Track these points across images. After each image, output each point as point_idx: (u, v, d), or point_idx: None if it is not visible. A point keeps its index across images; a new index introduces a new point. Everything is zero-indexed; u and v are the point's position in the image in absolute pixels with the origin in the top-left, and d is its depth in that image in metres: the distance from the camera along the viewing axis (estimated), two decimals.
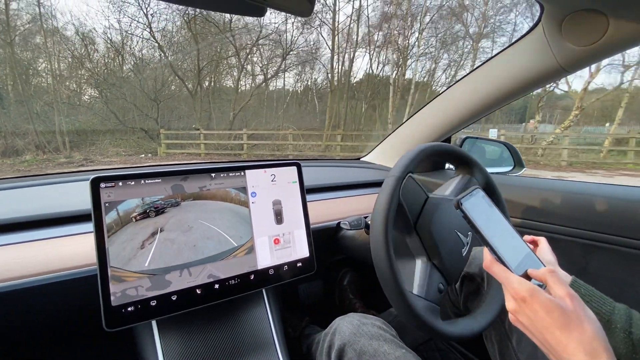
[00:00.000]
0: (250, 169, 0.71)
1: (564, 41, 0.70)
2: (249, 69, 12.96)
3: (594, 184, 0.88)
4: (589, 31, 0.65)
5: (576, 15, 0.65)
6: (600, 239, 0.80)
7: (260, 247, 0.69)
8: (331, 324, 0.70)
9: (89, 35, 11.00)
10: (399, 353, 0.60)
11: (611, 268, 0.80)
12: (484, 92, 0.90)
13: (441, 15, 12.19)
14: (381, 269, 0.54)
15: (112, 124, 10.49)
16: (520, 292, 0.38)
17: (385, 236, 0.54)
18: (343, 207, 0.96)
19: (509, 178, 1.03)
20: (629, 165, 9.03)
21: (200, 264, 0.63)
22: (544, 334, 0.37)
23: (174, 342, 0.63)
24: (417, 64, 12.64)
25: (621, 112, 10.37)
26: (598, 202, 0.81)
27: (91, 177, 0.55)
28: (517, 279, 0.40)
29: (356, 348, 0.62)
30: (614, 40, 0.64)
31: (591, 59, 0.70)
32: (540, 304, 0.37)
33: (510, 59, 0.82)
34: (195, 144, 10.30)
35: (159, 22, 12.21)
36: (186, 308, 0.61)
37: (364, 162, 1.36)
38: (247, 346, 0.69)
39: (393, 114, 12.54)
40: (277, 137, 11.20)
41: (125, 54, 11.37)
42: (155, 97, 11.11)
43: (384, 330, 0.65)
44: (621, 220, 0.77)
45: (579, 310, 0.36)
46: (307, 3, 0.48)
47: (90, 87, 11.12)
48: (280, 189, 0.74)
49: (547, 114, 11.82)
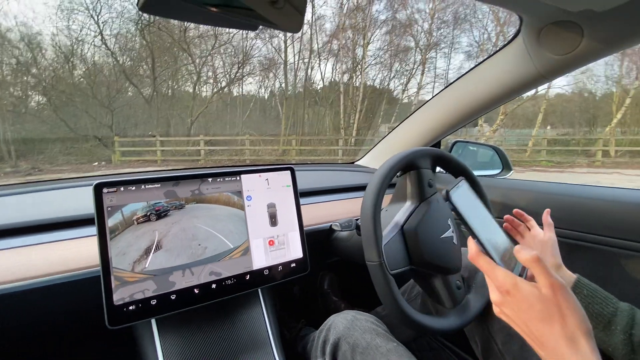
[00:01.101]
0: (246, 173, 0.74)
1: (543, 50, 0.73)
2: (209, 75, 13.04)
3: (578, 186, 0.91)
4: (566, 41, 0.69)
5: (553, 26, 0.69)
6: (583, 239, 0.84)
7: (255, 249, 0.72)
8: (326, 321, 0.73)
9: (35, 40, 10.46)
10: (390, 346, 0.63)
11: (594, 267, 0.83)
12: (470, 98, 0.94)
13: (393, 27, 12.86)
14: (367, 229, 0.59)
15: (62, 132, 10.11)
16: (504, 285, 0.39)
17: (374, 208, 0.59)
18: (335, 210, 0.99)
19: (497, 180, 1.06)
20: (542, 162, 10.52)
21: (201, 264, 0.66)
22: (528, 326, 0.37)
23: (173, 341, 0.66)
24: (365, 73, 13.25)
25: (541, 116, 12.08)
26: (581, 204, 0.85)
27: (95, 183, 0.59)
28: (502, 271, 0.40)
29: (350, 341, 0.65)
30: (589, 49, 0.68)
31: (569, 67, 0.74)
32: (523, 296, 0.37)
33: (493, 67, 0.86)
34: (152, 151, 10.18)
35: (111, 29, 11.83)
36: (185, 307, 0.64)
37: (356, 166, 1.39)
38: (243, 345, 0.71)
39: (345, 119, 12.97)
40: (236, 142, 11.30)
41: (75, 60, 10.93)
42: (109, 104, 10.79)
43: (376, 325, 0.68)
44: (604, 220, 0.81)
45: (562, 301, 0.36)
46: (298, 20, 0.52)
47: (38, 93, 10.63)
48: (274, 192, 0.77)
49: (490, 118, 13.00)
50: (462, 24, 13.01)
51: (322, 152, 11.72)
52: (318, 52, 13.40)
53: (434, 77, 13.90)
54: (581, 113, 13.27)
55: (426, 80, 13.85)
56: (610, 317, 0.50)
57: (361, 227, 0.63)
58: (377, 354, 0.62)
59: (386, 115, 13.87)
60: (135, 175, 0.75)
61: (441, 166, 0.78)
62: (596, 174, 8.78)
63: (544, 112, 12.15)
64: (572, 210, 0.85)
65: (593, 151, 10.69)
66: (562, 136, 12.47)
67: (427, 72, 13.68)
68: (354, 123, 12.91)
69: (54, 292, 0.60)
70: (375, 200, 0.63)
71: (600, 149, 10.48)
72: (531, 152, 11.15)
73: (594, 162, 10.26)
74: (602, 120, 12.67)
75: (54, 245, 0.65)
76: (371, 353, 0.62)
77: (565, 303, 0.36)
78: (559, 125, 13.86)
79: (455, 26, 13.07)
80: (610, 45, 0.67)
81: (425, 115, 1.09)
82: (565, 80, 12.92)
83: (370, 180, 0.66)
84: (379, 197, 0.63)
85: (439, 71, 14.00)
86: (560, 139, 12.09)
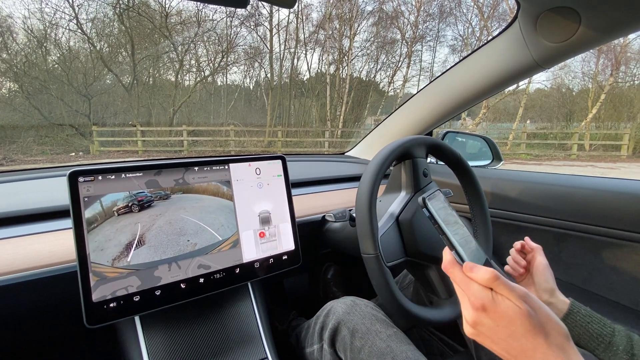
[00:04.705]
0: (235, 162, 0.70)
1: (539, 38, 0.72)
2: (192, 63, 12.62)
3: (566, 176, 0.92)
4: (563, 28, 0.68)
5: (550, 13, 0.68)
6: (572, 228, 0.85)
7: (245, 241, 0.69)
8: (323, 307, 0.72)
9: (5, 24, 9.80)
10: (390, 332, 0.62)
11: (582, 255, 0.85)
12: (463, 87, 0.93)
13: (379, 18, 12.94)
14: (362, 218, 0.58)
15: (36, 120, 9.53)
16: (480, 299, 0.35)
17: (370, 199, 0.58)
18: (327, 201, 0.96)
19: (488, 171, 1.06)
20: (522, 155, 10.76)
21: (188, 257, 0.62)
22: (510, 343, 0.34)
23: (158, 337, 0.62)
24: (351, 64, 13.28)
25: (521, 110, 12.53)
26: (570, 193, 0.86)
27: (69, 172, 0.54)
28: (478, 285, 0.36)
29: (349, 326, 0.63)
30: (586, 36, 0.67)
31: (565, 55, 0.74)
32: (502, 311, 0.34)
33: (488, 55, 0.85)
34: (133, 141, 9.88)
35: (87, 13, 11.28)
36: (171, 303, 0.60)
37: (347, 157, 1.37)
38: (233, 340, 0.69)
39: (331, 110, 12.99)
40: (220, 133, 11.09)
41: (49, 45, 10.22)
42: (87, 92, 10.23)
43: (376, 311, 0.67)
44: (591, 209, 0.82)
45: (537, 310, 0.34)
46: None
47: (9, 80, 9.90)
48: (264, 182, 0.74)
49: (472, 111, 13.43)
50: (447, 17, 13.14)
51: (309, 144, 11.68)
52: (304, 42, 13.25)
53: (420, 70, 14.03)
54: (559, 108, 13.73)
55: (412, 74, 13.97)
56: (609, 337, 0.49)
57: (356, 219, 0.61)
58: (377, 340, 0.61)
59: (372, 108, 13.91)
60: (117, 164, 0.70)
61: (436, 155, 0.77)
62: (571, 166, 9.17)
63: (524, 107, 12.55)
64: (563, 200, 0.86)
65: (569, 145, 11.11)
66: (541, 130, 12.91)
67: (412, 65, 13.83)
68: (340, 115, 12.90)
69: (27, 288, 0.56)
70: (370, 190, 0.60)
71: (576, 143, 10.91)
72: (511, 146, 11.50)
73: (570, 155, 10.66)
74: (578, 115, 13.17)
75: (28, 238, 0.61)
76: (371, 338, 0.61)
77: (539, 311, 0.34)
78: (538, 120, 14.34)
79: (440, 19, 13.18)
80: (607, 32, 0.66)
81: (418, 105, 1.07)
82: (544, 76, 13.37)
83: (365, 170, 0.63)
84: (375, 187, 0.61)
85: (424, 64, 14.15)
86: (539, 132, 12.50)
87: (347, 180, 1.10)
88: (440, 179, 1.09)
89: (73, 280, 0.53)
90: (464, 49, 13.07)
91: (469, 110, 13.99)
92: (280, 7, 0.46)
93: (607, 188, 0.81)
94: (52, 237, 0.62)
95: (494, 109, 13.30)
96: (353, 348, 0.62)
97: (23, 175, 0.80)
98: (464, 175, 0.76)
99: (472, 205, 0.77)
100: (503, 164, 1.14)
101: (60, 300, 0.60)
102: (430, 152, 0.75)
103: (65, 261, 0.59)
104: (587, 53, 7.11)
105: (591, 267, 0.83)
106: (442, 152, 0.75)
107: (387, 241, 0.64)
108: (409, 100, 1.11)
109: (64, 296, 0.58)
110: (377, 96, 14.08)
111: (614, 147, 10.71)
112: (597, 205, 0.81)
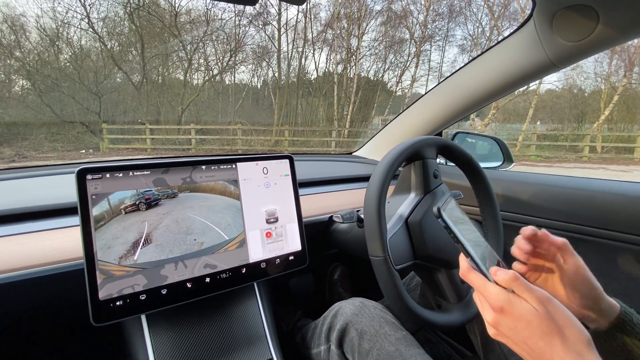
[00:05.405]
0: (242, 161, 0.70)
1: (555, 36, 0.70)
2: (200, 62, 12.72)
3: (581, 179, 0.90)
4: (580, 27, 0.66)
5: (567, 11, 0.66)
6: (587, 232, 0.82)
7: (252, 241, 0.69)
8: (331, 308, 0.71)
9: (19, 22, 9.92)
10: (400, 335, 0.61)
11: (596, 261, 0.82)
12: (475, 87, 0.91)
13: (388, 18, 12.86)
14: (371, 222, 0.57)
15: (47, 118, 9.69)
16: (498, 301, 0.36)
17: (379, 201, 0.58)
18: (335, 201, 0.95)
19: (499, 172, 1.04)
20: (531, 157, 10.56)
21: (194, 257, 0.62)
22: (528, 344, 0.35)
23: (164, 336, 0.62)
24: (359, 64, 13.20)
25: (531, 111, 12.30)
26: (585, 196, 0.83)
27: (77, 169, 0.54)
28: (495, 288, 0.37)
29: (358, 328, 0.63)
30: (604, 35, 0.65)
31: (581, 55, 0.71)
32: (519, 313, 0.35)
33: (501, 54, 0.83)
34: (142, 139, 9.99)
35: (99, 12, 11.41)
36: (176, 302, 0.60)
37: (355, 157, 1.36)
38: (239, 340, 0.68)
39: (339, 110, 12.95)
40: (228, 132, 11.14)
41: (61, 43, 10.42)
42: (97, 90, 10.40)
43: (384, 313, 0.66)
44: (608, 213, 0.79)
45: (555, 314, 0.34)
46: None
47: (22, 78, 10.17)
48: (272, 181, 0.73)
49: (481, 112, 13.14)
50: (457, 16, 13.00)
51: (315, 144, 11.68)
52: (312, 42, 13.26)
53: (428, 70, 13.90)
54: (570, 109, 13.49)
55: (420, 73, 13.86)
56: None
57: (365, 220, 0.60)
58: (386, 343, 0.60)
59: (379, 108, 13.83)
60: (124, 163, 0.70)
61: (447, 156, 0.75)
62: (582, 169, 9.01)
63: (535, 108, 12.34)
64: (578, 204, 0.83)
65: (580, 147, 10.89)
66: (551, 131, 12.68)
67: (421, 65, 13.71)
68: (348, 115, 12.86)
69: (35, 285, 0.56)
70: (379, 191, 0.59)
71: (588, 145, 10.69)
72: (521, 147, 11.32)
73: (581, 157, 10.46)
74: (590, 117, 12.93)
75: (36, 235, 0.61)
76: (379, 341, 0.60)
77: (559, 315, 0.34)
78: (548, 121, 14.10)
79: (450, 19, 13.05)
80: (625, 31, 0.64)
81: (428, 105, 1.06)
82: (556, 77, 13.14)
83: (374, 171, 0.62)
84: (384, 188, 0.60)
85: (432, 64, 14.03)
86: (549, 134, 12.28)
87: (355, 181, 1.09)
88: (450, 180, 1.07)
89: (80, 278, 0.53)
90: (474, 48, 12.91)
91: (478, 111, 14.07)
92: (290, 3, 0.46)
93: (624, 192, 0.79)
94: (59, 234, 0.62)
95: (503, 110, 13.13)
96: (361, 350, 0.61)
97: (33, 172, 0.80)
98: (475, 177, 0.75)
99: (483, 207, 0.75)
100: (514, 165, 1.12)
101: (66, 298, 0.60)
102: (440, 153, 0.74)
103: (72, 258, 0.59)
104: (600, 53, 6.95)
105: (607, 274, 0.80)
106: (452, 153, 0.73)
107: (395, 243, 0.63)
108: (419, 100, 1.09)
109: (70, 294, 0.58)
110: (384, 96, 13.99)
111: (627, 150, 10.47)
112: (614, 209, 0.78)
